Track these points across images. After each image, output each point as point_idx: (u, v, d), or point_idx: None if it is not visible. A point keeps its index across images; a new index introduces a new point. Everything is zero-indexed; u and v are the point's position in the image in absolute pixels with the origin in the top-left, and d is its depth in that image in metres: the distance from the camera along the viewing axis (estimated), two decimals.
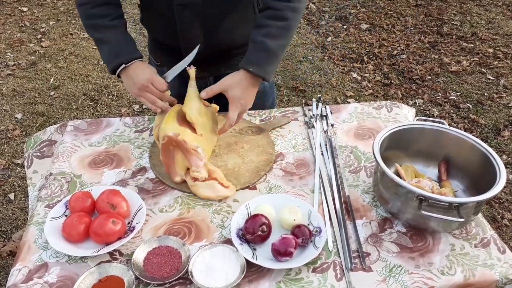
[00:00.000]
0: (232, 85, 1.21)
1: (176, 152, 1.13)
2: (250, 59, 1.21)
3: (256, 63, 1.20)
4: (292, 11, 1.20)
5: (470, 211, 0.97)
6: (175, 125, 1.14)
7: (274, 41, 1.20)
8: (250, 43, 1.22)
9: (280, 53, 1.24)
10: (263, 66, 1.20)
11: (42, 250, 0.98)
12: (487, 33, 4.27)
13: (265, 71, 1.21)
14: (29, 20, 4.40)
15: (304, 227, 0.98)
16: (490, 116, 3.10)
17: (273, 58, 1.22)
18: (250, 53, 1.22)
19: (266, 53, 1.20)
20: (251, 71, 1.19)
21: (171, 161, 1.15)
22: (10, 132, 2.84)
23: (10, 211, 2.27)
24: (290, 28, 1.22)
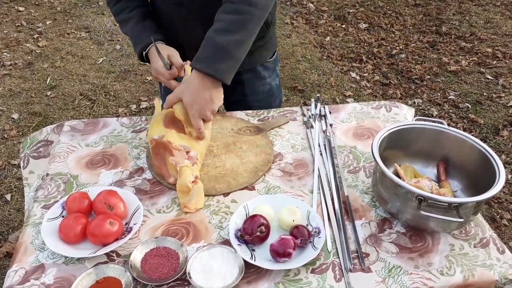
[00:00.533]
0: (183, 91, 1.15)
1: (166, 154, 1.13)
2: (199, 56, 1.13)
3: (203, 60, 1.12)
4: (248, 5, 1.11)
5: (469, 211, 0.97)
6: (161, 128, 1.14)
7: (224, 36, 1.11)
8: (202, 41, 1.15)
9: (233, 49, 1.12)
10: (211, 63, 1.11)
11: (38, 251, 0.97)
12: (486, 32, 4.28)
13: (214, 68, 1.11)
14: (26, 19, 4.38)
15: (303, 228, 0.98)
16: (489, 116, 3.10)
17: (223, 54, 1.11)
18: (200, 50, 1.14)
19: (216, 49, 1.11)
20: (197, 68, 1.12)
21: (162, 163, 1.14)
22: (6, 132, 2.83)
23: (7, 212, 2.26)
24: (245, 22, 1.13)
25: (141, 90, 3.36)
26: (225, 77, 1.13)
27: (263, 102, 1.51)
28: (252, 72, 1.44)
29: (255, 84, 1.49)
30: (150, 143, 1.14)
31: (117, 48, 3.92)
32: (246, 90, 1.49)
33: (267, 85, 1.52)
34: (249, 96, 1.51)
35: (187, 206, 1.08)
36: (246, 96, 1.51)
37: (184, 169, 1.08)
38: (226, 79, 1.14)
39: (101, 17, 4.50)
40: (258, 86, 1.50)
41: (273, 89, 1.54)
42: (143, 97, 3.26)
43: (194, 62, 1.13)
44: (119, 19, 1.36)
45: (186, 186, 1.05)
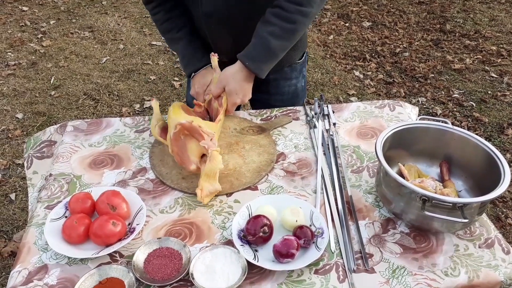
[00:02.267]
0: (228, 80, 1.26)
1: (188, 140, 1.13)
2: (249, 53, 1.22)
3: (254, 58, 1.21)
4: (301, 16, 1.18)
5: (474, 212, 0.96)
6: (185, 115, 1.18)
7: (277, 40, 1.19)
8: (254, 37, 1.22)
9: (280, 53, 1.24)
10: (260, 63, 1.22)
11: (42, 252, 0.97)
12: (491, 30, 4.25)
13: (261, 68, 1.23)
14: (30, 19, 4.39)
15: (306, 228, 0.97)
16: (494, 114, 3.08)
17: (272, 57, 1.22)
18: (251, 47, 1.21)
19: (267, 51, 1.20)
20: (247, 65, 1.21)
21: (183, 150, 1.14)
22: (11, 132, 2.84)
23: (11, 211, 2.27)
24: (296, 32, 1.21)
25: (144, 89, 3.36)
26: (264, 75, 1.28)
27: (286, 103, 1.52)
28: (279, 73, 1.44)
29: (280, 84, 1.50)
30: (174, 128, 1.14)
31: (120, 48, 3.93)
32: (271, 89, 1.50)
33: (292, 86, 1.53)
34: (273, 96, 1.52)
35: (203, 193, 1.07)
36: (270, 95, 1.52)
37: (215, 153, 1.09)
38: (263, 77, 1.29)
39: (105, 17, 4.50)
40: (283, 86, 1.51)
41: (298, 90, 1.54)
42: (146, 97, 3.26)
43: (243, 57, 1.24)
44: (168, 37, 1.42)
45: (215, 171, 1.08)
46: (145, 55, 3.83)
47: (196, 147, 1.13)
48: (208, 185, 1.08)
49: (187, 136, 1.14)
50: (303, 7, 1.17)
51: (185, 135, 1.14)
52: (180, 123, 1.12)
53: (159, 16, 1.38)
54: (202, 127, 1.13)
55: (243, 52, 1.24)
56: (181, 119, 1.14)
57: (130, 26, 4.32)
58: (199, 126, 1.12)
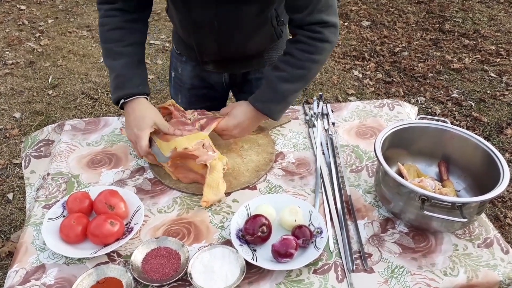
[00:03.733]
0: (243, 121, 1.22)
1: (186, 161, 1.13)
2: (258, 95, 1.21)
3: (262, 100, 1.20)
4: (311, 62, 1.17)
5: (473, 211, 0.96)
6: (163, 144, 1.13)
7: (286, 84, 1.18)
8: (264, 80, 1.22)
9: (290, 96, 1.21)
10: (269, 104, 1.20)
11: (39, 252, 0.97)
12: (490, 30, 4.25)
13: (270, 109, 1.20)
14: (28, 18, 4.38)
15: (305, 228, 0.97)
16: (493, 114, 3.08)
17: (281, 99, 1.20)
18: (261, 90, 1.21)
19: (275, 94, 1.19)
20: (256, 106, 1.20)
21: (187, 171, 1.14)
22: (8, 132, 2.82)
23: (9, 211, 2.26)
24: (306, 77, 1.20)
25: None
26: (277, 117, 1.23)
27: None
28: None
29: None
30: (166, 164, 1.14)
31: None
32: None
33: None
34: None
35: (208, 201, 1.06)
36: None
37: (214, 163, 1.08)
38: (276, 118, 1.24)
39: None
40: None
41: None
42: None
43: (253, 100, 1.21)
44: (109, 47, 1.20)
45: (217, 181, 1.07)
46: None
47: (194, 164, 1.12)
48: (213, 196, 1.07)
49: (182, 159, 1.13)
50: (313, 55, 1.16)
51: (180, 160, 1.13)
52: (169, 156, 1.11)
53: (112, 20, 1.19)
54: (188, 148, 1.09)
55: (253, 95, 1.22)
56: (166, 152, 1.12)
57: None
58: (184, 149, 1.09)
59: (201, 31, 1.26)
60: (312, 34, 1.13)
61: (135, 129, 1.14)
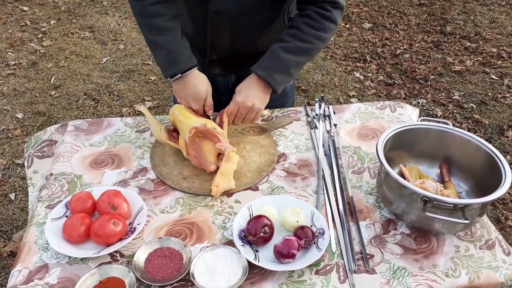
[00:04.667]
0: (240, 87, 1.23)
1: (203, 142, 1.15)
2: (260, 64, 1.22)
3: (265, 68, 1.21)
4: (316, 39, 1.20)
5: (475, 213, 0.96)
6: (195, 118, 1.18)
7: (289, 55, 1.20)
8: (267, 52, 1.24)
9: (293, 68, 1.22)
10: (272, 73, 1.21)
11: (42, 251, 0.97)
12: (491, 32, 4.25)
13: (273, 78, 1.21)
14: (30, 19, 4.39)
15: (307, 229, 0.97)
16: (494, 116, 3.08)
17: (283, 69, 1.21)
18: (264, 59, 1.23)
19: (278, 63, 1.20)
20: (258, 73, 1.20)
21: (200, 152, 1.16)
22: (11, 132, 2.83)
23: (11, 211, 2.27)
24: (310, 51, 1.22)
25: (145, 89, 3.36)
26: (278, 88, 1.23)
27: (276, 102, 1.52)
28: None
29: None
30: (189, 132, 1.14)
31: (121, 48, 3.93)
32: None
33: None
34: None
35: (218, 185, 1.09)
36: None
37: (232, 154, 1.12)
38: (278, 89, 1.24)
39: (105, 17, 4.50)
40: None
41: (287, 89, 1.54)
42: (147, 97, 3.26)
43: (256, 68, 1.21)
44: (152, 23, 1.19)
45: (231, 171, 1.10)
46: (146, 56, 3.83)
47: (212, 148, 1.16)
48: (224, 183, 1.10)
49: (201, 138, 1.16)
50: (319, 32, 1.19)
51: (199, 138, 1.16)
52: (195, 126, 1.14)
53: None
54: (216, 128, 1.15)
55: (256, 64, 1.23)
56: (193, 123, 1.15)
57: (131, 26, 4.32)
58: (213, 128, 1.14)
59: (218, 19, 1.26)
60: (322, 11, 1.17)
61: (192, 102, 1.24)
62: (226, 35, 1.30)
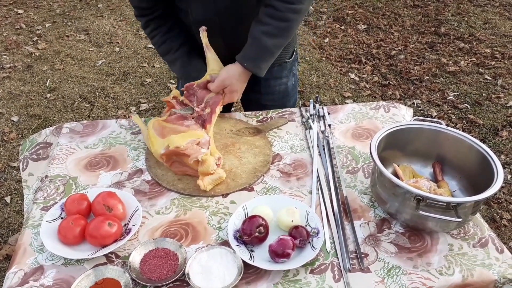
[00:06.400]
0: (232, 80, 1.27)
1: (182, 158, 1.16)
2: (247, 54, 1.25)
3: (252, 59, 1.25)
4: (293, 13, 1.21)
5: (468, 211, 0.97)
6: (160, 141, 1.18)
7: (272, 39, 1.22)
8: (249, 38, 1.25)
9: (276, 51, 1.26)
10: (258, 63, 1.26)
11: (37, 253, 0.97)
12: (485, 33, 4.28)
13: (259, 67, 1.27)
14: (25, 22, 4.38)
15: (302, 228, 0.98)
16: (488, 116, 3.10)
17: (268, 56, 1.26)
18: (248, 48, 1.25)
19: (263, 51, 1.24)
20: (245, 66, 1.25)
21: (186, 168, 1.17)
22: (6, 135, 2.83)
23: (7, 214, 2.26)
24: (290, 29, 1.24)
25: (140, 92, 3.36)
26: (263, 73, 1.31)
27: (277, 102, 1.54)
28: (270, 72, 1.45)
29: (271, 83, 1.52)
30: (161, 159, 1.17)
31: (116, 51, 3.93)
32: (262, 89, 1.51)
33: (283, 85, 1.54)
34: (264, 95, 1.53)
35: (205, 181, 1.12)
36: (261, 95, 1.53)
37: (205, 157, 1.12)
38: (262, 75, 1.31)
39: (100, 20, 4.50)
40: (274, 85, 1.53)
41: (289, 89, 1.56)
42: (142, 99, 3.26)
43: (241, 59, 1.26)
44: (167, 59, 1.42)
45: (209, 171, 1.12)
46: (141, 58, 3.83)
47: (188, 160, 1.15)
48: (209, 181, 1.13)
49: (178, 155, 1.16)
50: (294, 5, 1.20)
51: (176, 156, 1.17)
52: (161, 154, 1.16)
53: (157, 39, 1.39)
54: (179, 146, 1.13)
55: (241, 53, 1.27)
56: (159, 149, 1.16)
57: (126, 29, 4.32)
58: (176, 147, 1.13)
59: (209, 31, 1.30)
60: None
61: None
62: (218, 39, 1.33)
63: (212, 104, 1.27)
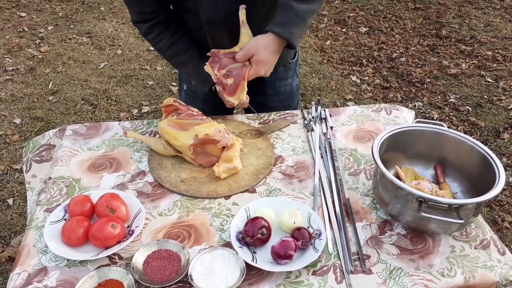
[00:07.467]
0: (259, 49, 1.22)
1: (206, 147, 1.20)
2: (276, 20, 1.21)
3: (282, 24, 1.20)
4: None
5: (469, 213, 0.97)
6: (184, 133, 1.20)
7: (301, 4, 1.19)
8: (278, 7, 1.22)
9: (307, 17, 1.22)
10: (289, 27, 1.19)
11: (41, 254, 0.98)
12: (486, 36, 4.29)
13: (290, 32, 1.19)
14: (28, 25, 4.41)
15: (304, 230, 0.98)
16: (490, 119, 3.10)
17: (299, 20, 1.20)
18: (278, 16, 1.21)
19: (293, 15, 1.19)
20: (276, 31, 1.19)
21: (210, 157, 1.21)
22: (8, 137, 2.84)
23: (9, 216, 2.27)
24: None
25: (142, 94, 3.37)
26: (296, 41, 1.22)
27: (283, 103, 1.54)
28: (274, 73, 1.45)
29: (277, 84, 1.52)
30: (188, 150, 1.18)
31: (118, 53, 3.94)
32: (268, 90, 1.52)
33: (288, 86, 1.55)
34: (269, 97, 1.54)
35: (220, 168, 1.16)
36: (266, 96, 1.54)
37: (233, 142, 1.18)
38: (296, 43, 1.23)
39: (103, 22, 4.52)
40: (279, 86, 1.53)
41: (293, 89, 1.57)
42: (144, 102, 3.27)
43: (272, 26, 1.20)
44: (175, 61, 1.40)
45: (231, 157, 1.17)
46: (143, 61, 3.84)
47: (215, 147, 1.19)
48: (225, 163, 1.16)
49: (201, 146, 1.20)
50: None
51: (200, 146, 1.20)
52: (190, 144, 1.17)
53: (163, 44, 1.36)
54: (208, 134, 1.16)
55: (270, 23, 1.22)
56: (187, 141, 1.18)
57: (128, 32, 4.34)
58: (205, 135, 1.16)
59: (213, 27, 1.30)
60: None
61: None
62: (226, 39, 1.32)
63: (236, 76, 1.23)
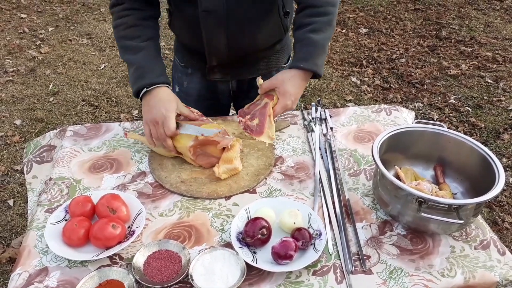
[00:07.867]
0: (284, 81, 1.23)
1: (206, 148, 1.20)
2: (299, 56, 1.24)
3: (305, 58, 1.22)
4: (332, 6, 1.24)
5: (469, 213, 0.97)
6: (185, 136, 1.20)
7: (319, 34, 1.22)
8: (296, 43, 1.25)
9: (326, 45, 1.25)
10: (313, 60, 1.23)
11: (42, 255, 0.98)
12: (486, 36, 4.29)
13: (316, 64, 1.23)
14: (28, 26, 4.41)
15: (304, 230, 0.98)
16: (490, 120, 3.10)
17: (320, 51, 1.24)
18: (299, 51, 1.24)
19: (313, 47, 1.22)
20: (302, 67, 1.22)
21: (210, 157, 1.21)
22: (9, 138, 2.84)
23: (10, 217, 2.27)
24: (332, 21, 1.26)
25: None
26: (322, 71, 1.25)
27: None
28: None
29: None
30: (188, 151, 1.18)
31: (118, 54, 3.95)
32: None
33: None
34: None
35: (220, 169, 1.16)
36: None
37: (233, 143, 1.17)
38: (322, 72, 1.26)
39: (103, 24, 4.52)
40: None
41: None
42: None
43: (296, 62, 1.23)
44: (128, 44, 1.26)
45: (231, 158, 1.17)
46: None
47: (215, 148, 1.19)
48: (226, 164, 1.16)
49: (201, 147, 1.20)
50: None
51: (200, 147, 1.20)
52: (190, 146, 1.18)
53: (127, 20, 1.26)
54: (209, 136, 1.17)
55: (293, 59, 1.25)
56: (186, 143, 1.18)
57: None
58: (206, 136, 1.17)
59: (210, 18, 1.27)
60: None
61: (162, 109, 1.17)
62: (221, 34, 1.30)
63: (260, 115, 1.23)
